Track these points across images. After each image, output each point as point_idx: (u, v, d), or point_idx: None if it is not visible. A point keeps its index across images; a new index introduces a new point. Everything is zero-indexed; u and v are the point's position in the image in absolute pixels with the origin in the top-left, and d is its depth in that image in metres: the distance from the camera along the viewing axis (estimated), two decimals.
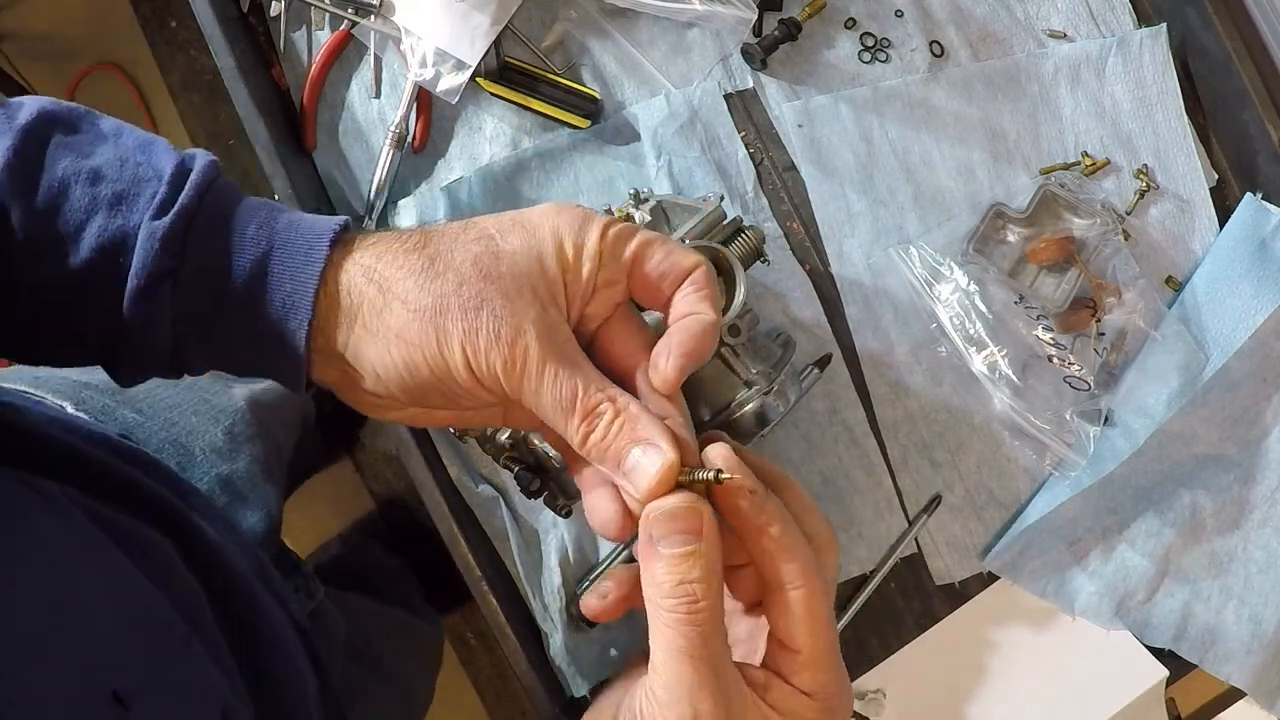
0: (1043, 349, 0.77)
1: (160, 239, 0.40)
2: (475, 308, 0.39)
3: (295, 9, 0.76)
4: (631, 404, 0.40)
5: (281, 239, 0.41)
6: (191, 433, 0.70)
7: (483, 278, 0.40)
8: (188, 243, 0.41)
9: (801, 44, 0.80)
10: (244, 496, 0.68)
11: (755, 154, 0.79)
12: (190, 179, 0.42)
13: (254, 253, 0.41)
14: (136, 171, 0.41)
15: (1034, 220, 0.79)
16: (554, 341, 0.40)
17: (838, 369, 0.77)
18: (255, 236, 0.41)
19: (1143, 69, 0.82)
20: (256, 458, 0.73)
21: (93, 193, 0.40)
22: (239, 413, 0.75)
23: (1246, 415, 0.78)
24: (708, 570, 0.37)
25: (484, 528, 0.73)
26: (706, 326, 0.42)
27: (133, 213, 0.41)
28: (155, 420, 0.68)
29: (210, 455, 0.69)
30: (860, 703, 0.78)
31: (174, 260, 0.40)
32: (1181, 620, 0.79)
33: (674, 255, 0.43)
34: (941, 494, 0.78)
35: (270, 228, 0.42)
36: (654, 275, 0.43)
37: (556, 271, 0.41)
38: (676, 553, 0.37)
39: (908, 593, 0.78)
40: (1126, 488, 0.77)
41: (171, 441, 0.68)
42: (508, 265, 0.40)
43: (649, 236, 0.43)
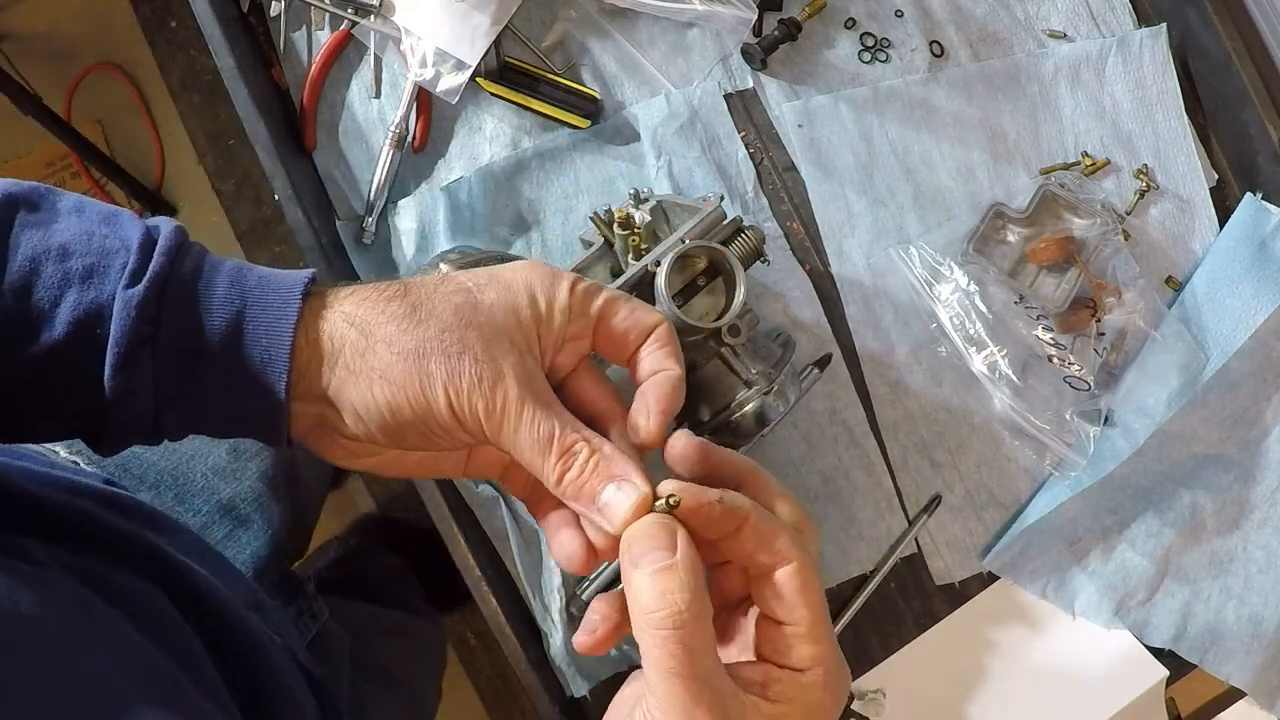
0: (1043, 349, 0.77)
1: (135, 307, 0.41)
2: (458, 353, 0.42)
3: (295, 9, 0.76)
4: (605, 444, 0.43)
5: (254, 296, 0.43)
6: (193, 456, 0.69)
7: (464, 325, 0.43)
8: (163, 308, 0.41)
9: (801, 44, 0.80)
10: (247, 520, 0.68)
11: (755, 154, 0.79)
12: (158, 246, 0.42)
13: (228, 311, 0.42)
14: (104, 244, 0.42)
15: (1034, 220, 0.79)
16: (531, 386, 0.43)
17: (838, 369, 0.77)
18: (228, 295, 0.42)
19: (1143, 69, 0.82)
20: (263, 473, 0.73)
21: (63, 269, 0.41)
22: None
23: (1246, 415, 0.78)
24: (688, 582, 0.38)
25: (484, 528, 0.73)
26: (675, 381, 0.46)
27: (105, 284, 0.41)
28: (153, 450, 0.67)
29: (211, 479, 0.69)
30: (860, 703, 0.78)
31: (151, 327, 0.41)
32: (1181, 620, 0.79)
33: (637, 313, 0.47)
34: (941, 494, 0.78)
35: (242, 286, 0.43)
36: (618, 330, 0.46)
37: (531, 323, 0.44)
38: (656, 568, 0.38)
39: (908, 593, 0.78)
40: (1126, 488, 0.77)
41: (170, 472, 0.67)
42: (486, 315, 0.43)
43: (614, 294, 0.47)
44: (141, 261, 0.42)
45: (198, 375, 0.42)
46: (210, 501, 0.67)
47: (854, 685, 0.78)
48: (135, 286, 0.41)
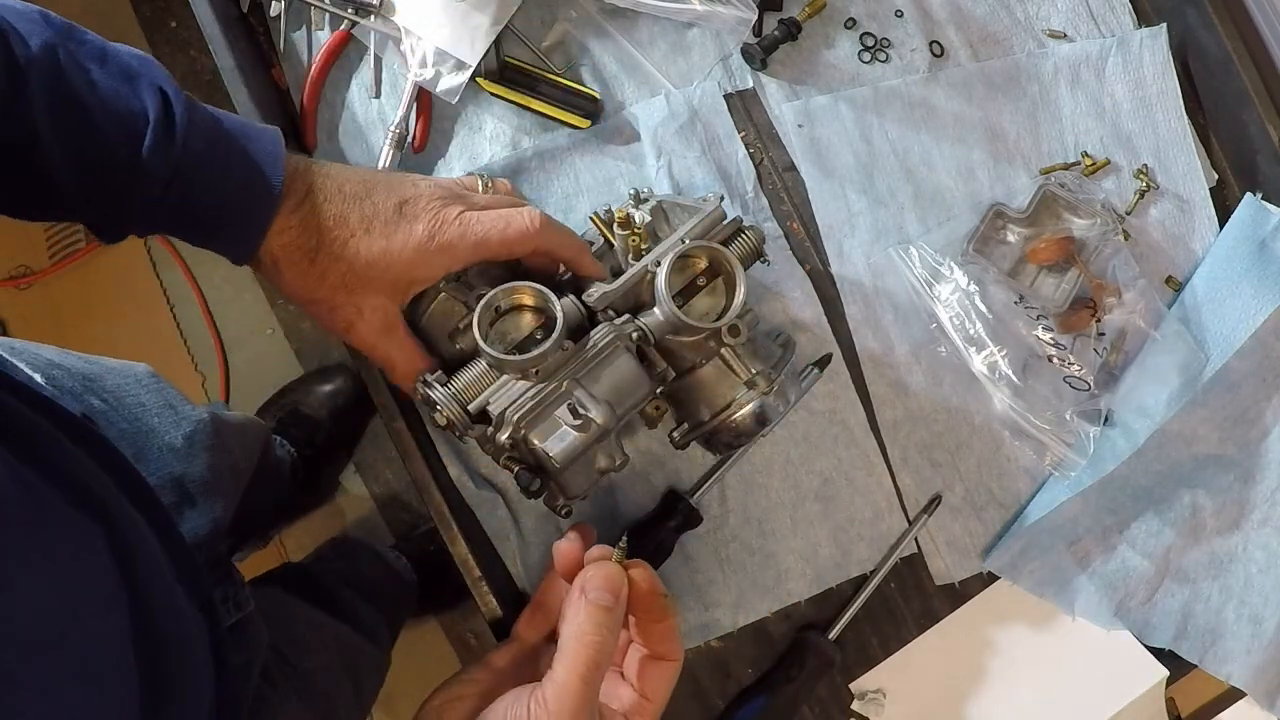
0: (1043, 349, 0.77)
1: (153, 179, 0.52)
2: (344, 303, 0.60)
3: (295, 9, 0.76)
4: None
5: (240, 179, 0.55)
6: (152, 431, 0.73)
7: (357, 280, 0.59)
8: (171, 183, 0.53)
9: (801, 44, 0.80)
10: (192, 500, 0.71)
11: (755, 154, 0.79)
12: (177, 131, 0.52)
13: (222, 194, 0.55)
14: (130, 105, 0.52)
15: (1034, 220, 0.79)
16: (389, 329, 0.61)
17: (838, 369, 0.77)
18: (228, 182, 0.55)
19: (1143, 69, 0.82)
20: (212, 468, 0.75)
21: (104, 120, 0.51)
22: (201, 423, 0.77)
23: (1246, 415, 0.78)
24: (614, 625, 0.51)
25: (484, 528, 0.73)
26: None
27: (130, 148, 0.51)
28: (120, 412, 0.71)
29: (166, 454, 0.72)
30: (860, 703, 0.78)
31: (161, 189, 0.52)
32: (1181, 620, 0.79)
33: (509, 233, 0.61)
34: (941, 494, 0.78)
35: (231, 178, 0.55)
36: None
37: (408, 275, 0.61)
38: (599, 605, 0.50)
39: (908, 593, 0.78)
40: (1126, 488, 0.77)
41: (131, 434, 0.71)
42: (363, 272, 0.59)
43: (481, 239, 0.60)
44: (159, 138, 0.51)
45: (190, 226, 0.56)
46: (162, 472, 0.70)
47: (854, 685, 0.78)
48: (155, 159, 0.51)
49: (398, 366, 0.61)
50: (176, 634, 0.50)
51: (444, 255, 0.58)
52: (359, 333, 0.59)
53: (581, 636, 0.49)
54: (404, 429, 0.68)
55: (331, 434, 1.42)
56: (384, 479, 1.55)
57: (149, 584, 0.48)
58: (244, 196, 0.55)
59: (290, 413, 1.40)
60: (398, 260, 0.57)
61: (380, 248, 0.57)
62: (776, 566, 0.76)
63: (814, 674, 0.74)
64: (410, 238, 0.57)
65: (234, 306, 1.51)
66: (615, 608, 0.51)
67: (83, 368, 0.72)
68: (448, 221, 0.58)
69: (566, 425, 0.58)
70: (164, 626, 0.48)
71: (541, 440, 0.58)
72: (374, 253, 0.57)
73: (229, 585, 0.66)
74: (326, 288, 0.57)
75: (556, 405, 0.58)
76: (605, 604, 0.50)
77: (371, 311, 0.59)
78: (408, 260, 0.57)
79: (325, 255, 0.56)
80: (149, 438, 0.72)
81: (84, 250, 1.47)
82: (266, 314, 1.52)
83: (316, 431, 1.40)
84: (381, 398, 0.68)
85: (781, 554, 0.76)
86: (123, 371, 0.76)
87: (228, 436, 0.82)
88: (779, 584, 0.76)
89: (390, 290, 0.59)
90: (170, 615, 0.50)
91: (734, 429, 0.63)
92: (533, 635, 0.61)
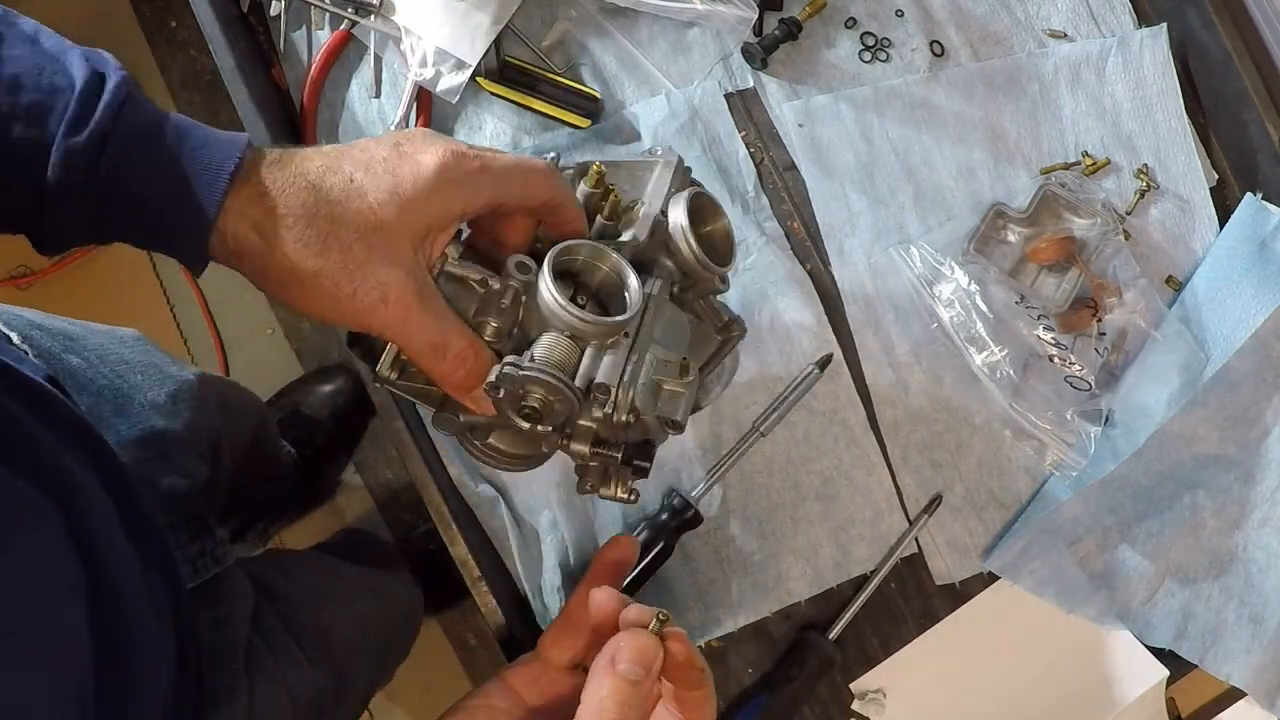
0: (1043, 349, 0.77)
1: (74, 157, 0.44)
2: (362, 274, 0.48)
3: (295, 9, 0.76)
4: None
5: (190, 163, 0.46)
6: (134, 388, 0.70)
7: (367, 249, 0.47)
8: (100, 161, 0.44)
9: (802, 43, 0.80)
10: (169, 457, 0.68)
11: (756, 153, 0.79)
12: (103, 99, 0.45)
13: (160, 179, 0.45)
14: (53, 81, 0.44)
15: (1034, 220, 0.79)
16: (422, 297, 0.49)
17: (838, 369, 0.77)
18: (164, 163, 0.45)
19: (1143, 69, 0.82)
20: (192, 426, 0.73)
21: (11, 102, 0.43)
22: (186, 384, 0.75)
23: (1246, 415, 0.78)
24: (641, 701, 0.46)
25: (484, 528, 0.73)
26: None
27: (48, 124, 0.44)
28: (100, 369, 0.69)
29: (147, 410, 0.69)
30: (860, 703, 0.78)
31: (86, 177, 0.44)
32: (1181, 620, 0.79)
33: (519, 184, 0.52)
34: (942, 494, 0.78)
35: (175, 156, 0.46)
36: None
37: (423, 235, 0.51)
38: (627, 679, 0.45)
39: (908, 593, 0.78)
40: (1127, 488, 0.77)
41: (111, 391, 0.68)
42: (384, 236, 0.49)
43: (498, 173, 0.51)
44: (84, 110, 0.44)
45: (123, 220, 0.47)
46: (143, 426, 0.68)
47: (854, 685, 0.78)
48: (77, 137, 0.44)
49: (451, 343, 0.49)
50: (132, 604, 0.49)
51: (463, 189, 0.49)
52: (397, 303, 0.47)
53: (601, 713, 0.45)
54: (404, 429, 0.68)
55: (331, 434, 1.42)
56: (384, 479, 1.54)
57: (105, 557, 0.48)
58: (189, 169, 0.46)
59: (290, 413, 1.40)
60: (412, 197, 0.47)
61: (389, 185, 0.47)
62: (776, 566, 0.76)
63: (814, 674, 0.74)
64: (420, 170, 0.48)
65: (234, 306, 1.51)
66: (644, 682, 0.46)
67: (65, 328, 0.70)
68: (462, 154, 0.49)
69: (675, 388, 0.53)
70: (120, 598, 0.48)
71: (660, 410, 0.52)
72: (383, 192, 0.47)
73: (207, 540, 0.66)
74: (339, 249, 0.46)
75: (646, 370, 0.52)
76: (634, 678, 0.46)
77: (404, 272, 0.47)
78: (423, 195, 0.47)
79: (326, 206, 0.46)
80: (131, 394, 0.69)
81: (84, 250, 1.47)
82: (266, 314, 1.52)
83: (316, 431, 1.40)
84: (381, 397, 0.68)
85: (782, 554, 0.76)
86: (109, 333, 0.75)
87: (213, 400, 0.80)
88: (779, 584, 0.76)
89: (413, 240, 0.48)
90: (123, 578, 0.49)
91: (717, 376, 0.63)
92: (557, 655, 0.56)
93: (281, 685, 0.66)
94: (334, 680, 0.72)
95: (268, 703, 0.63)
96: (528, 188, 0.51)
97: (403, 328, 0.48)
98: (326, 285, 0.46)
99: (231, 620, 0.64)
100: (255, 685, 0.63)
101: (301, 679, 0.67)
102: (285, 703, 0.66)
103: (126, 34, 1.53)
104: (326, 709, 0.71)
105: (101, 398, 0.67)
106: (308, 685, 0.68)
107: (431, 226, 0.49)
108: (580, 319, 0.50)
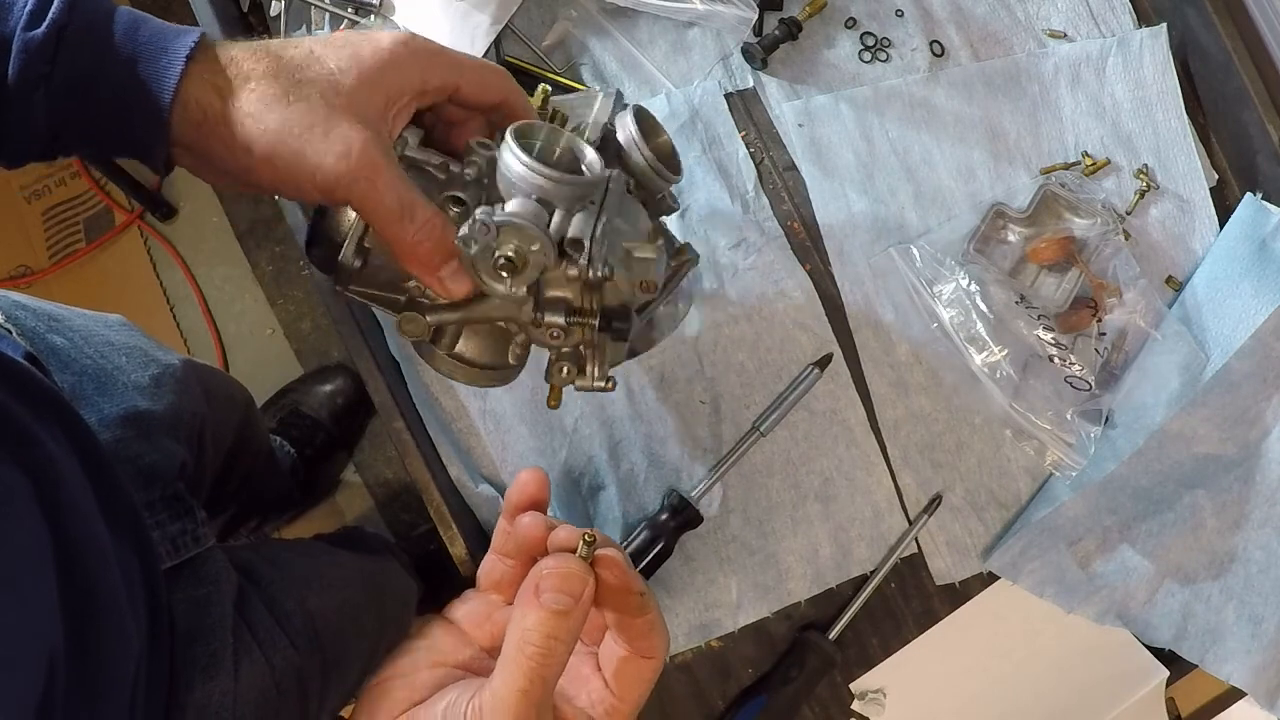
0: (1043, 349, 0.77)
1: (34, 50, 0.45)
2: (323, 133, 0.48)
3: (295, 9, 0.76)
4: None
5: (145, 50, 0.46)
6: (118, 369, 0.71)
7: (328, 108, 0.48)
8: (58, 52, 0.45)
9: (802, 43, 0.80)
10: (150, 436, 0.68)
11: (756, 153, 0.79)
12: None
13: (118, 62, 0.46)
14: None
15: (1034, 220, 0.79)
16: (390, 161, 0.49)
17: (838, 369, 0.77)
18: (120, 47, 0.46)
19: (1143, 69, 0.82)
20: (177, 411, 0.73)
21: None
22: (172, 368, 0.75)
23: (1246, 415, 0.78)
24: (570, 633, 0.42)
25: (484, 528, 0.73)
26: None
27: (8, 20, 0.45)
28: (83, 349, 0.69)
29: (129, 390, 0.70)
30: (860, 703, 0.78)
31: (47, 67, 0.45)
32: (1181, 620, 0.79)
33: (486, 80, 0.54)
34: (942, 494, 0.78)
35: (134, 40, 0.47)
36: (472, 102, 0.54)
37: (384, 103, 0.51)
38: (553, 609, 0.42)
39: (908, 593, 0.78)
40: (1126, 488, 0.77)
41: (94, 370, 0.69)
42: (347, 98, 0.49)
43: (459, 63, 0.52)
44: (40, 4, 0.45)
45: (87, 110, 0.47)
46: (125, 405, 0.68)
47: (854, 685, 0.78)
48: (35, 30, 0.44)
49: (418, 216, 0.49)
50: (102, 579, 0.49)
51: (419, 62, 0.50)
52: (362, 158, 0.47)
53: (525, 646, 0.42)
54: (404, 429, 0.68)
55: (331, 434, 1.42)
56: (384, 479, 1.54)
57: (77, 531, 0.48)
58: (148, 51, 0.46)
59: (290, 413, 1.40)
60: (371, 65, 0.48)
61: (349, 54, 0.48)
62: (777, 566, 0.76)
63: (814, 674, 0.74)
64: (379, 43, 0.49)
65: (234, 306, 1.51)
66: (572, 613, 0.42)
67: (51, 309, 0.71)
68: (420, 37, 0.51)
69: (644, 254, 0.51)
70: (89, 572, 0.48)
71: (633, 273, 0.52)
72: (344, 59, 0.48)
73: (188, 520, 0.66)
74: (300, 105, 0.46)
75: (615, 233, 0.51)
76: (559, 608, 0.42)
77: (368, 131, 0.47)
78: (382, 64, 0.49)
79: (287, 69, 0.47)
80: (114, 374, 0.70)
81: (84, 250, 1.47)
82: (266, 314, 1.52)
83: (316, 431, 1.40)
84: (381, 397, 0.68)
85: (782, 554, 0.76)
86: (95, 317, 0.75)
87: (196, 385, 0.81)
88: (779, 584, 0.76)
89: (373, 106, 0.49)
90: (94, 552, 0.49)
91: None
92: (495, 590, 0.52)
93: (265, 668, 0.65)
94: (321, 665, 0.72)
95: (249, 684, 0.63)
96: (484, 80, 0.53)
97: (370, 184, 0.47)
98: (290, 144, 0.46)
99: (210, 601, 0.64)
100: (239, 667, 0.63)
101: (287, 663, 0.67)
102: (269, 685, 0.65)
103: None
104: (313, 693, 0.70)
105: (84, 376, 0.67)
106: (292, 669, 0.68)
107: (390, 97, 0.49)
108: (550, 176, 0.49)
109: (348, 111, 0.47)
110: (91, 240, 1.49)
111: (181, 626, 0.60)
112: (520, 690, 0.41)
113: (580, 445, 0.75)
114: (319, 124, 0.46)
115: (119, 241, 1.49)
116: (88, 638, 0.46)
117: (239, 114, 0.46)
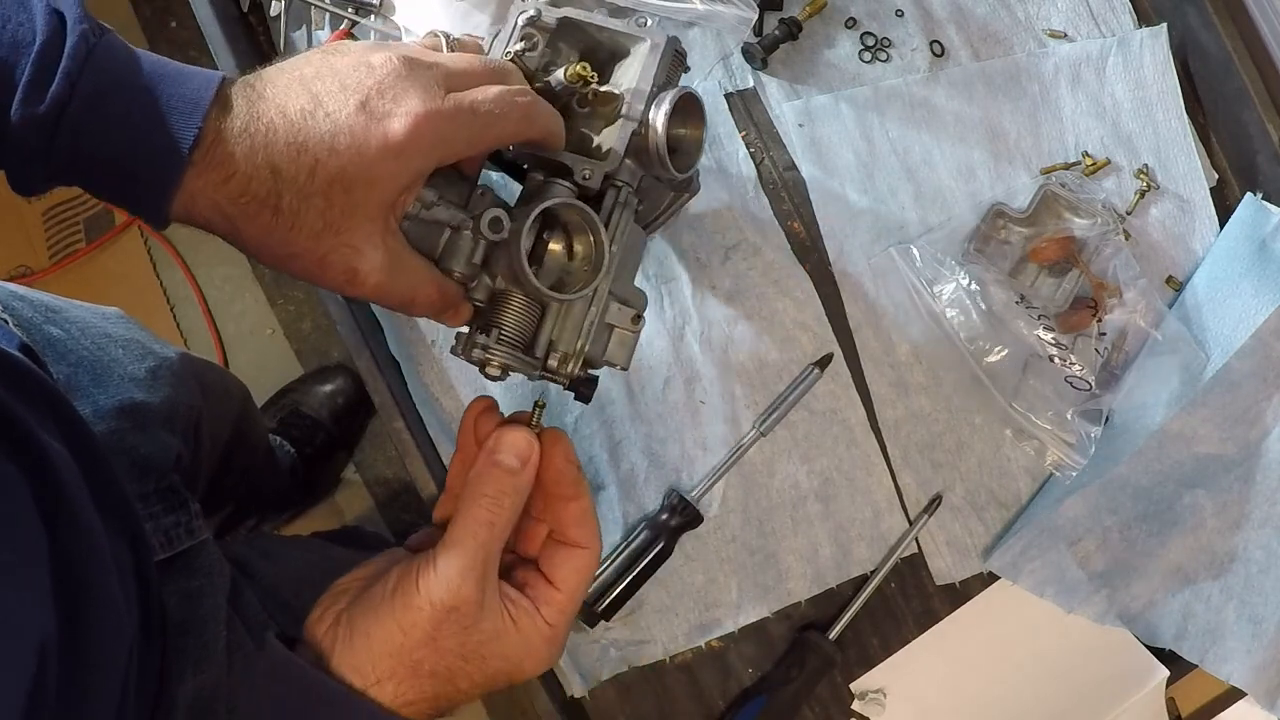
0: (1044, 349, 0.77)
1: (34, 122, 0.44)
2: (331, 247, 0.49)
3: (295, 9, 0.76)
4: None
5: (144, 138, 0.46)
6: (115, 361, 0.71)
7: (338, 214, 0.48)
8: (58, 129, 0.44)
9: (802, 43, 0.80)
10: (146, 428, 0.68)
11: (756, 153, 0.79)
12: (61, 65, 0.44)
13: (119, 149, 0.46)
14: (16, 34, 0.44)
15: (1035, 220, 0.79)
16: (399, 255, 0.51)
17: (838, 369, 0.77)
18: (121, 133, 0.45)
19: (1143, 69, 0.82)
20: (174, 403, 0.73)
21: None
22: (168, 361, 0.75)
23: (1247, 415, 0.78)
24: (518, 491, 0.47)
25: None
26: None
27: (11, 80, 0.44)
28: (80, 341, 0.69)
29: (126, 382, 0.70)
30: (860, 703, 0.78)
31: (45, 142, 0.44)
32: (1181, 620, 0.79)
33: None
34: (942, 494, 0.78)
35: (135, 126, 0.46)
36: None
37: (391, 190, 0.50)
38: (503, 467, 0.47)
39: (908, 593, 0.78)
40: (1126, 488, 0.77)
41: (91, 361, 0.69)
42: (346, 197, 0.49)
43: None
44: (41, 75, 0.44)
45: (88, 184, 0.47)
46: (121, 396, 0.68)
47: (854, 685, 0.78)
48: (36, 106, 0.43)
49: (419, 300, 0.52)
50: (95, 570, 0.50)
51: (440, 145, 0.48)
52: (366, 280, 0.49)
53: (478, 498, 0.47)
54: (404, 429, 0.68)
55: (331, 434, 1.42)
56: (384, 479, 1.54)
57: (70, 522, 0.48)
58: (146, 147, 0.45)
59: (290, 413, 1.40)
60: (381, 173, 0.47)
61: (355, 165, 0.47)
62: (777, 566, 0.76)
63: (814, 674, 0.74)
64: (388, 140, 0.47)
65: (234, 306, 1.51)
66: (521, 474, 0.47)
67: (48, 301, 0.70)
68: (437, 111, 0.48)
69: (625, 330, 0.55)
70: (83, 563, 0.48)
71: (604, 354, 0.55)
72: (350, 174, 0.47)
73: (182, 513, 0.66)
74: (305, 236, 0.47)
75: (607, 316, 0.54)
76: (509, 466, 0.47)
77: (372, 249, 0.48)
78: (391, 169, 0.47)
79: (291, 197, 0.47)
80: (110, 365, 0.70)
81: (84, 250, 1.47)
82: (266, 314, 1.52)
83: (316, 431, 1.40)
84: (381, 398, 0.68)
85: (782, 554, 0.76)
86: (92, 309, 0.75)
87: (192, 378, 0.80)
88: (779, 584, 0.76)
89: (382, 211, 0.49)
90: (87, 543, 0.49)
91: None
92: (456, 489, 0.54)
93: (259, 660, 0.65)
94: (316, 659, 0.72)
95: (242, 678, 0.63)
96: (518, 132, 0.51)
97: (375, 298, 0.51)
98: (296, 267, 0.49)
99: (203, 593, 0.64)
100: (231, 659, 0.63)
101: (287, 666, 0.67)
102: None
103: (126, 34, 1.51)
104: None
105: (80, 367, 0.67)
106: None
107: (405, 190, 0.49)
108: (542, 293, 0.51)
109: (351, 236, 0.48)
110: (92, 240, 1.48)
111: (174, 618, 0.60)
112: (472, 535, 0.46)
113: (580, 445, 0.75)
114: (326, 253, 0.48)
115: (119, 241, 1.48)
116: (80, 628, 0.46)
117: (241, 240, 0.48)
